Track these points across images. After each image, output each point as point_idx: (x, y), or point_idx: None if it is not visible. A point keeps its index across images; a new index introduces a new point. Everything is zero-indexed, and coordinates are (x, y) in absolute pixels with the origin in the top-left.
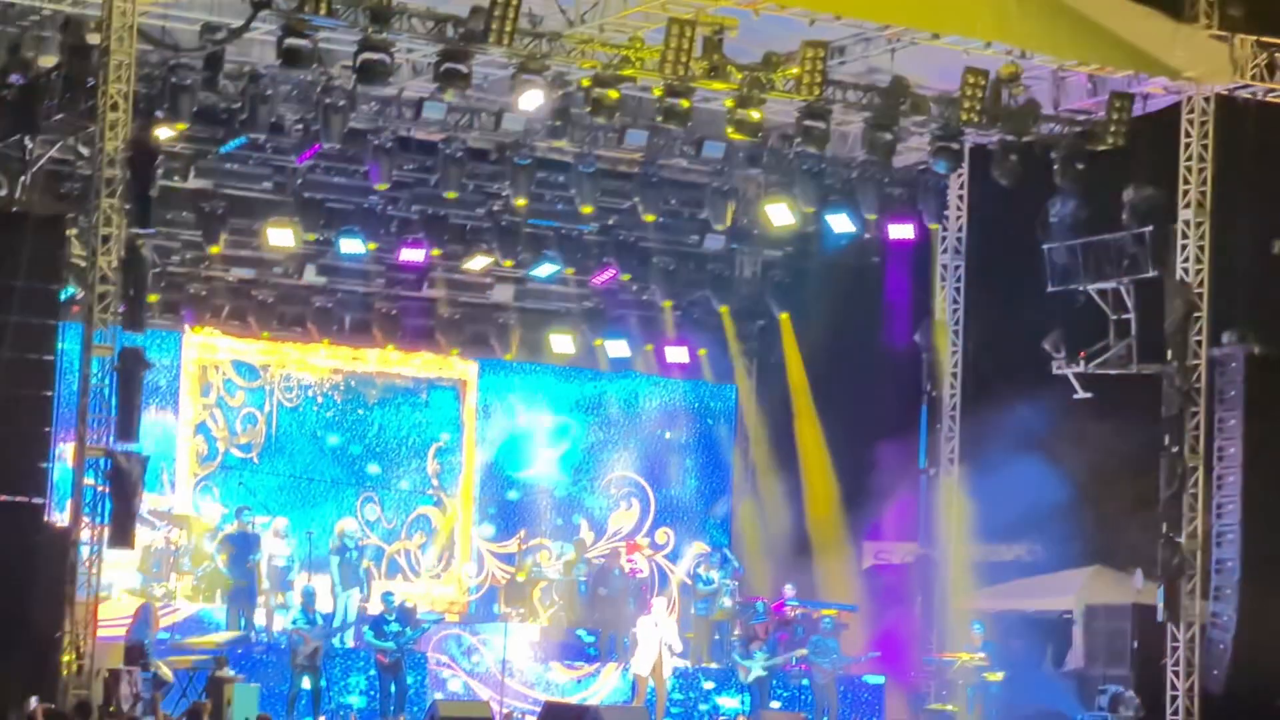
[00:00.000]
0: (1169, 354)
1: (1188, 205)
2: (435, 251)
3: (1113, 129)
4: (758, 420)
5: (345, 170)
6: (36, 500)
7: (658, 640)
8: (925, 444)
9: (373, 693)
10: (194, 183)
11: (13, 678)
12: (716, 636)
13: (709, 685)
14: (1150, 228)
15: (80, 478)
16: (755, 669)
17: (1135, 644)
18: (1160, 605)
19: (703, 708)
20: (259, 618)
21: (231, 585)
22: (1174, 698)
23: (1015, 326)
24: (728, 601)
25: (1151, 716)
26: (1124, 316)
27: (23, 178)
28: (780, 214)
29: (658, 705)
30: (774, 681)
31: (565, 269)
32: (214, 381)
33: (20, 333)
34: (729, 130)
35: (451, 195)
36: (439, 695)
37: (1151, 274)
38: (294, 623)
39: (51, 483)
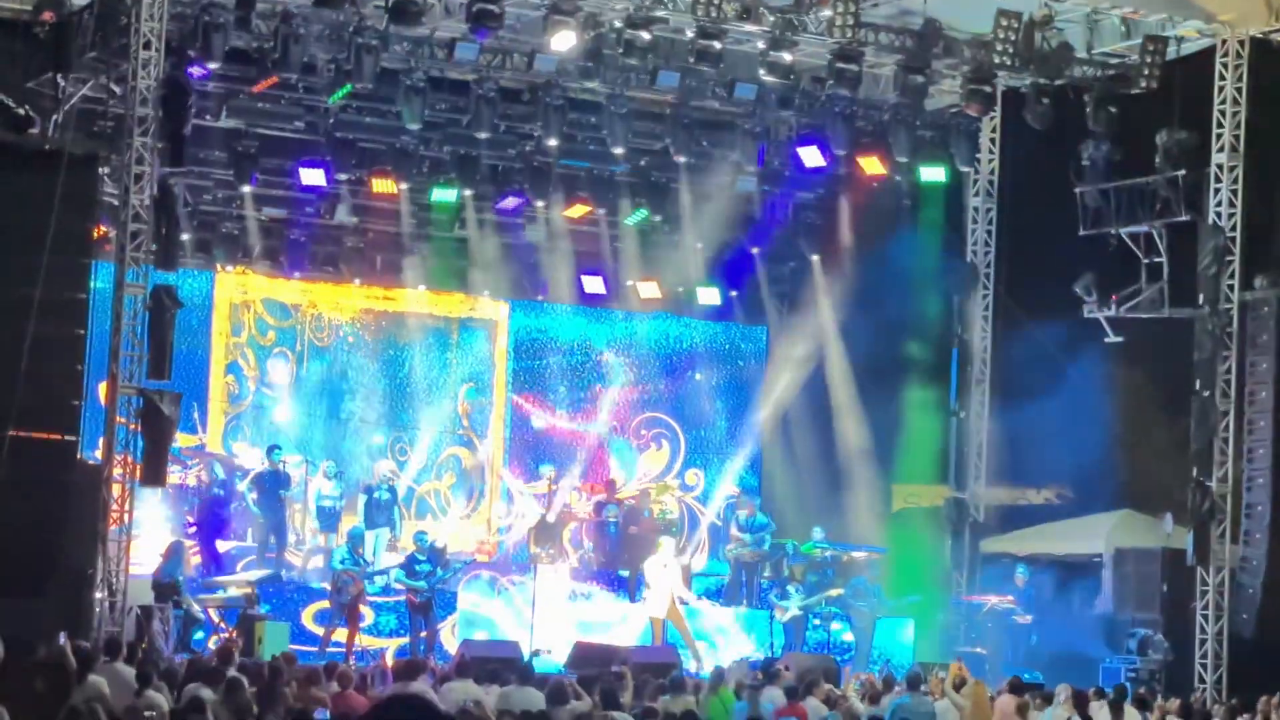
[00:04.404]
0: (1201, 298)
1: (1221, 149)
2: (467, 192)
3: (1146, 72)
4: (788, 362)
5: (377, 110)
6: (69, 438)
7: (668, 581)
8: (956, 387)
9: (403, 632)
10: (226, 122)
11: (45, 614)
12: (743, 578)
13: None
14: (1183, 171)
15: (113, 416)
16: (791, 609)
17: (1165, 588)
18: (1190, 549)
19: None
20: (293, 557)
21: (262, 524)
22: (1203, 641)
23: (1047, 270)
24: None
25: (1180, 660)
26: (1156, 260)
27: (55, 116)
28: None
29: (686, 642)
30: (808, 622)
31: (598, 210)
32: (245, 321)
33: (53, 271)
34: (761, 72)
35: (483, 135)
36: (469, 635)
37: (1184, 218)
38: (341, 563)
39: (84, 421)
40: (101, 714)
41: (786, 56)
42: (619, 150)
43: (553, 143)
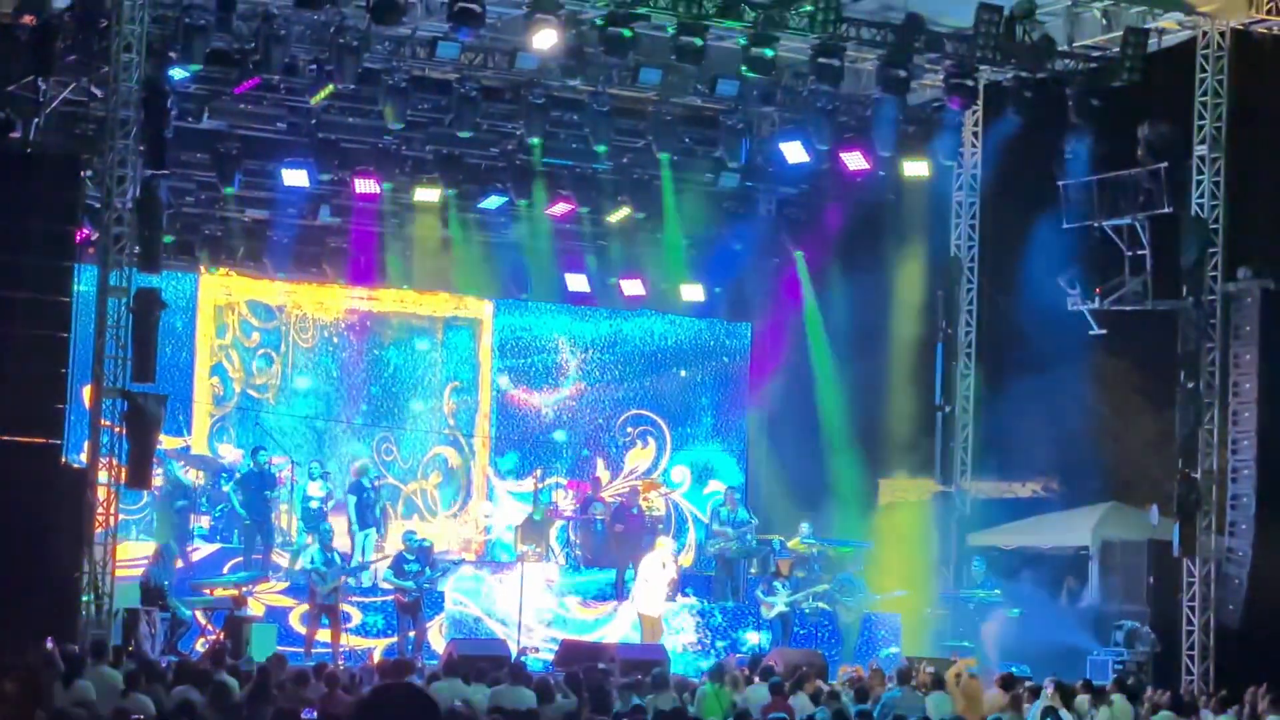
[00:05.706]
0: (1184, 290)
1: (1203, 141)
2: (450, 191)
3: (1128, 65)
4: (772, 358)
5: (360, 110)
6: (53, 441)
7: (666, 581)
8: (941, 381)
9: (391, 632)
10: (208, 124)
11: (30, 618)
12: (728, 573)
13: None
14: (1166, 164)
15: (97, 419)
16: (778, 605)
17: (1151, 580)
18: (1176, 541)
19: (720, 644)
20: (280, 558)
21: (249, 525)
22: (1190, 633)
23: (1030, 263)
24: (749, 539)
25: (1167, 652)
26: (1139, 253)
27: (36, 119)
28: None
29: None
30: (795, 618)
31: (581, 207)
32: (230, 322)
33: (36, 274)
34: (743, 68)
35: (466, 135)
36: (457, 634)
37: (1167, 210)
38: (310, 562)
39: (68, 424)
40: (88, 718)
41: (768, 52)
42: (601, 148)
43: (535, 141)
